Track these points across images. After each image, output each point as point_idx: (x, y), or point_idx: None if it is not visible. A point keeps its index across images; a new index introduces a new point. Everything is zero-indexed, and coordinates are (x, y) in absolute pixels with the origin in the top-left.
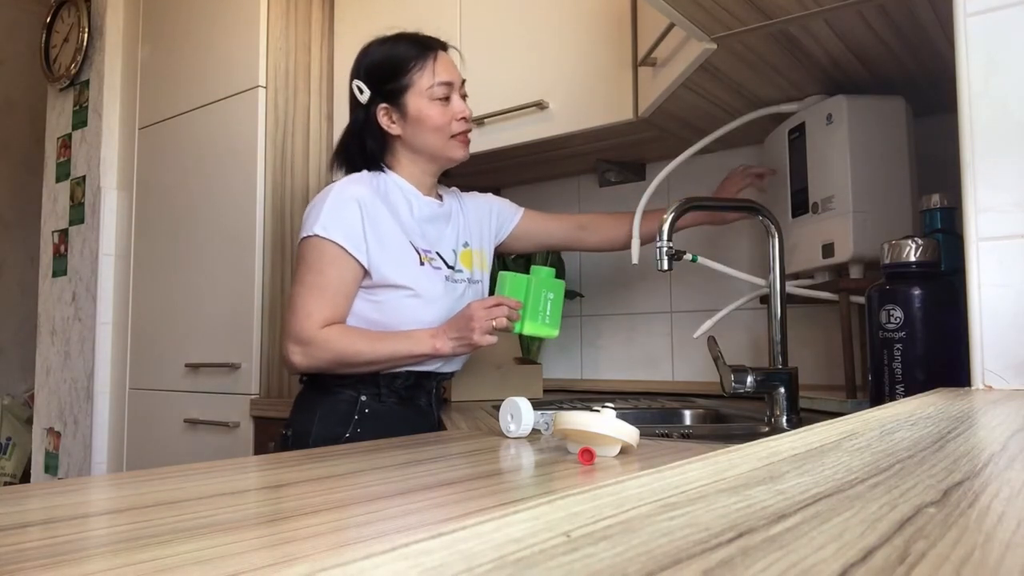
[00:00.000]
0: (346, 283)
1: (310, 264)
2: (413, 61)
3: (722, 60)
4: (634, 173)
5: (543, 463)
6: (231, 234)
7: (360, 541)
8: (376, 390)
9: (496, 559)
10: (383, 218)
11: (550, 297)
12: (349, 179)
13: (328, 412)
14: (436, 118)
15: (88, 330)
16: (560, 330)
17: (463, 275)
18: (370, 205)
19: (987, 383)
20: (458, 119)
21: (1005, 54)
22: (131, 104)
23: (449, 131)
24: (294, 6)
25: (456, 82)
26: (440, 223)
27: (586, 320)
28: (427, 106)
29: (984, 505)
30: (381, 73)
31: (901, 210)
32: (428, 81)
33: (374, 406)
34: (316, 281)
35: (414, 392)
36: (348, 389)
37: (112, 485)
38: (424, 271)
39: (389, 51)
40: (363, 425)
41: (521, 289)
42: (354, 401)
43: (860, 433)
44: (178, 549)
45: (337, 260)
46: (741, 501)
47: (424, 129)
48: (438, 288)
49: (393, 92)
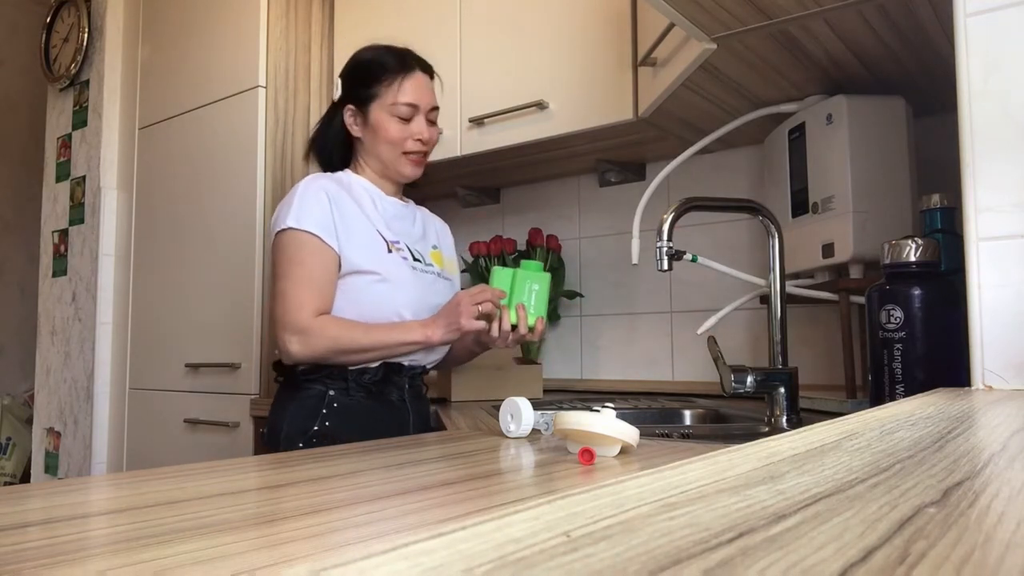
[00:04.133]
0: (329, 272)
1: (291, 256)
2: (386, 74)
3: (722, 60)
4: (634, 173)
5: (543, 463)
6: (231, 234)
7: (360, 541)
8: (344, 384)
9: (496, 559)
10: (349, 208)
11: (535, 288)
12: (315, 176)
13: (298, 407)
14: (392, 133)
15: (88, 330)
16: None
17: (433, 269)
18: (336, 195)
19: (987, 383)
20: (414, 139)
21: (1005, 54)
22: (131, 104)
23: (402, 148)
24: (294, 6)
25: (423, 105)
26: (405, 222)
27: (586, 320)
28: (386, 120)
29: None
30: (356, 76)
31: (901, 210)
32: (393, 98)
33: (342, 400)
34: (301, 272)
35: (383, 386)
36: (316, 384)
37: (112, 485)
38: (392, 258)
39: (371, 58)
40: (331, 419)
41: (507, 280)
42: (322, 395)
43: (860, 433)
44: (178, 549)
45: (317, 250)
46: (741, 501)
47: (379, 140)
48: (405, 274)
49: (361, 97)
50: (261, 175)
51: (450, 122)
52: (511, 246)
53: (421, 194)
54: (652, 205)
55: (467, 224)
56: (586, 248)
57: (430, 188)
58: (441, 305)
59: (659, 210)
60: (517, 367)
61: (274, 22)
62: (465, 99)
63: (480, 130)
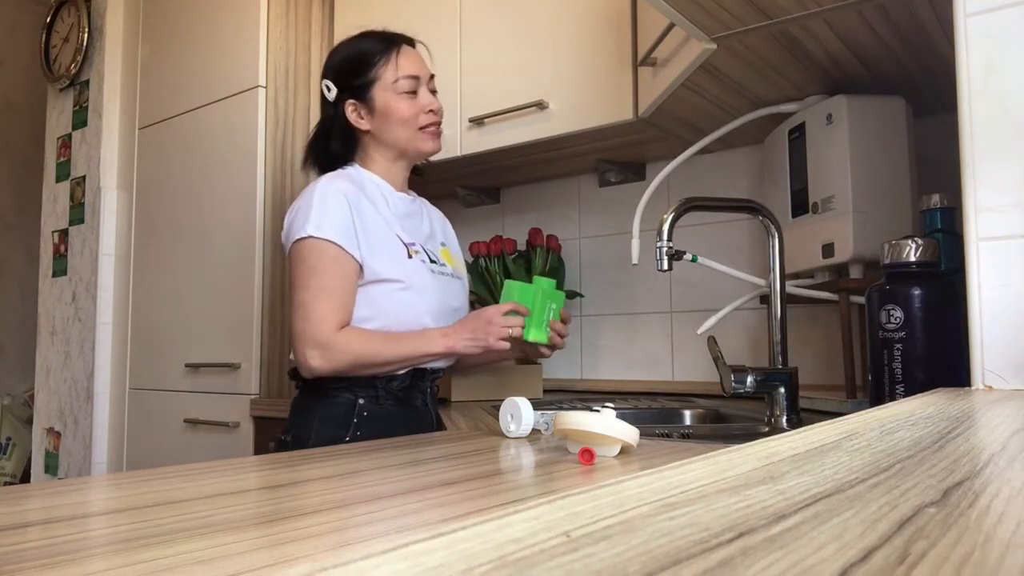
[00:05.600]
0: (351, 281)
1: (312, 266)
2: (378, 56)
3: (722, 60)
4: (634, 173)
5: (543, 463)
6: (231, 234)
7: (360, 541)
8: (374, 392)
9: (496, 559)
10: (368, 212)
11: (553, 307)
12: (329, 176)
13: (326, 416)
14: (403, 111)
15: (88, 330)
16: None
17: (447, 270)
18: (355, 199)
19: (987, 383)
20: (426, 112)
21: (1005, 54)
22: (131, 104)
23: (417, 123)
24: (294, 6)
25: (423, 76)
26: (415, 219)
27: (586, 320)
28: (394, 99)
29: (984, 505)
30: (347, 69)
31: (901, 210)
32: (393, 75)
33: (372, 408)
34: (322, 283)
35: (410, 393)
36: (345, 392)
37: (112, 485)
38: (413, 263)
39: (354, 48)
40: (362, 428)
41: (528, 298)
42: (352, 404)
43: (860, 433)
44: (178, 549)
45: (338, 259)
46: (741, 501)
47: (392, 122)
48: (427, 279)
49: (360, 87)
50: (261, 175)
51: (450, 122)
52: (511, 246)
53: (421, 194)
54: (652, 205)
55: (467, 224)
56: (586, 248)
57: (430, 188)
58: (457, 308)
59: (659, 210)
60: (517, 367)
61: (274, 22)
62: (465, 99)
63: (480, 130)
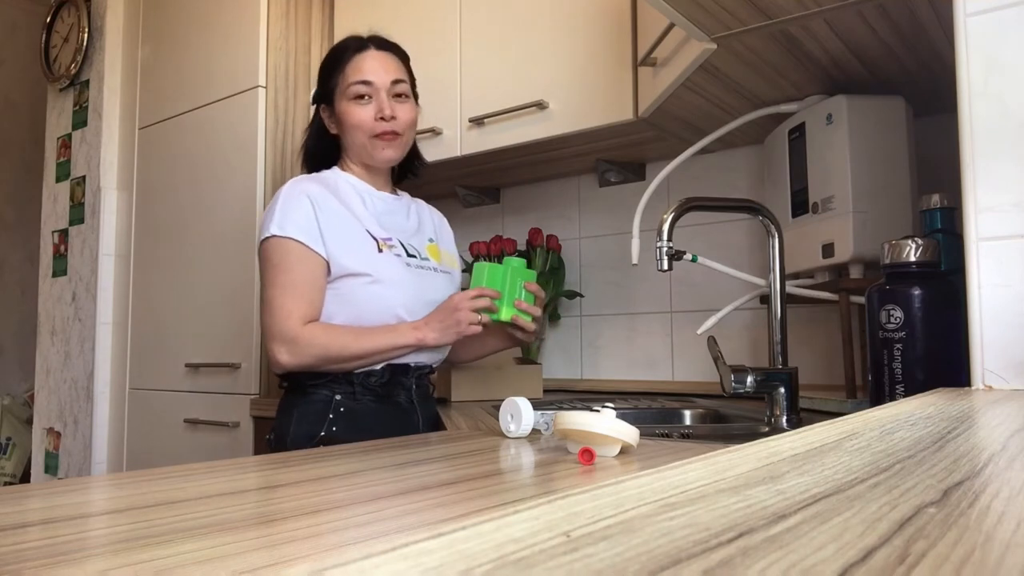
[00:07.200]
0: (316, 278)
1: (277, 264)
2: (340, 61)
3: (722, 60)
4: (634, 173)
5: (543, 463)
6: (231, 234)
7: (360, 541)
8: (351, 388)
9: (496, 559)
10: (334, 209)
11: (523, 286)
12: (298, 178)
13: (304, 413)
14: (352, 116)
15: (88, 330)
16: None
17: (429, 264)
18: (320, 198)
19: (987, 383)
20: (377, 118)
21: (1005, 54)
22: (131, 104)
23: (370, 130)
24: (294, 7)
25: (378, 82)
26: (398, 216)
27: (586, 320)
28: (347, 105)
29: (984, 505)
30: (322, 74)
31: (901, 210)
32: (346, 81)
33: (349, 404)
34: (287, 280)
35: (391, 389)
36: (323, 389)
37: (112, 485)
38: (383, 257)
39: (331, 52)
40: (338, 424)
41: (498, 278)
42: (328, 400)
43: (860, 433)
44: (178, 549)
45: (303, 257)
46: (741, 501)
47: (346, 129)
48: (398, 272)
49: (328, 92)
50: (261, 175)
51: (450, 122)
52: (511, 246)
53: (421, 194)
54: (652, 205)
55: (467, 224)
56: (586, 248)
57: (430, 188)
58: (440, 301)
59: (659, 210)
60: (517, 367)
61: (274, 23)
62: (465, 99)
63: (480, 130)
